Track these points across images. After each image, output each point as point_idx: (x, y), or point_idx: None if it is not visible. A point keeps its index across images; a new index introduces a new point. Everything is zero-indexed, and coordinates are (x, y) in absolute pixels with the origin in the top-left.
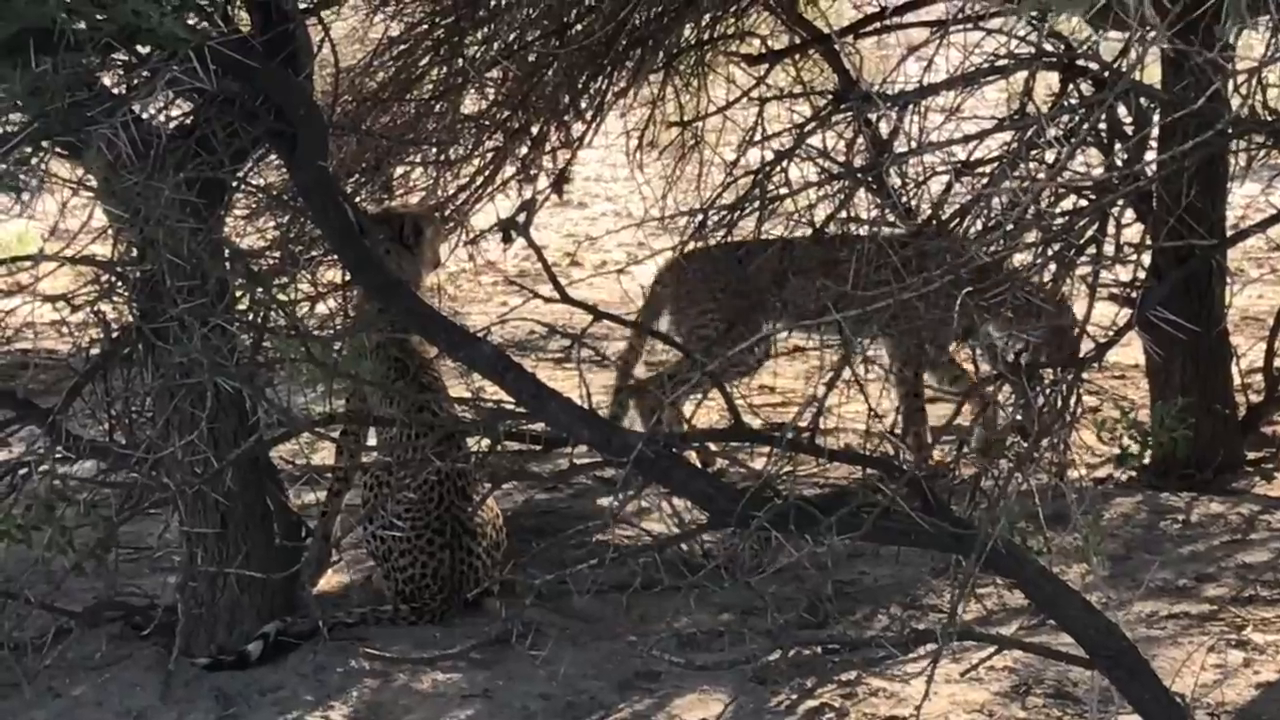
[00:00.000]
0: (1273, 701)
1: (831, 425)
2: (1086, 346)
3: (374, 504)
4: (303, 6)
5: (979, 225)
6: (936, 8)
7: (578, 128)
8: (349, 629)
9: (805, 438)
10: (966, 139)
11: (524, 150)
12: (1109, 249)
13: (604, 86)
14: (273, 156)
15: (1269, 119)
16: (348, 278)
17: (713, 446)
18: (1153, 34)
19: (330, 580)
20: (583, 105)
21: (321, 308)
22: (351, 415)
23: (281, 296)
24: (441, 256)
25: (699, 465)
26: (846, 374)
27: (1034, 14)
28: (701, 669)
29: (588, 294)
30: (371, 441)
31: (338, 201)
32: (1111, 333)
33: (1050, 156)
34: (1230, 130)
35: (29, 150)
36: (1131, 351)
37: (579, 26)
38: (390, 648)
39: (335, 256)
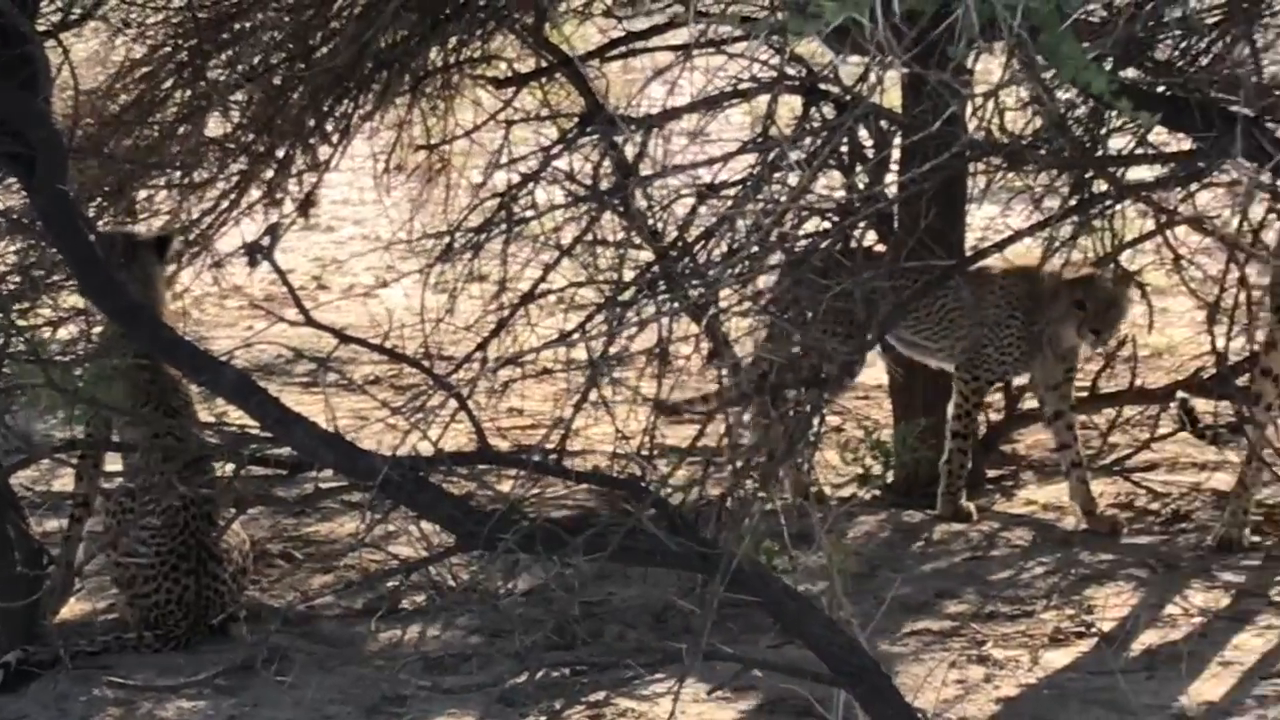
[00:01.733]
0: (1012, 717)
1: (580, 447)
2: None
3: (117, 530)
4: (41, 29)
5: (723, 248)
6: (683, 31)
7: (324, 151)
8: (92, 657)
9: (552, 459)
10: (710, 162)
11: (270, 173)
12: None
13: (350, 110)
14: (12, 179)
15: (1005, 142)
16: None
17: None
18: (890, 58)
19: (73, 608)
20: (329, 128)
21: (64, 332)
22: (90, 440)
23: (22, 322)
24: (168, 275)
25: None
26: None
27: (776, 38)
28: (448, 692)
29: (335, 317)
30: (117, 467)
31: (78, 226)
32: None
33: (793, 179)
34: (968, 153)
35: None
36: (875, 372)
37: (324, 49)
38: (134, 676)
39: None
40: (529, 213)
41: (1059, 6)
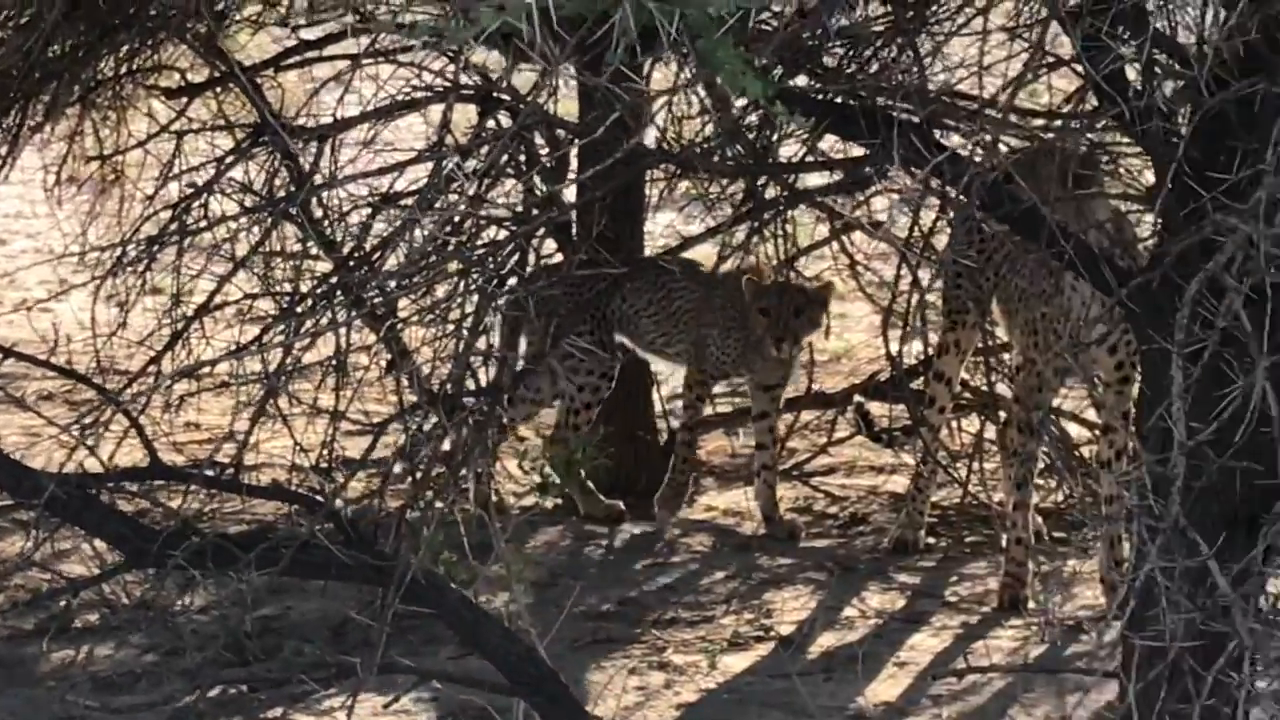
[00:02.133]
0: None
1: (259, 461)
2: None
3: None
4: None
5: (401, 257)
6: (363, 40)
7: None
8: None
9: (228, 474)
10: (383, 171)
11: None
12: None
13: (18, 121)
14: None
15: (678, 149)
16: None
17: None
18: (557, 65)
19: None
20: None
21: None
22: None
23: None
24: None
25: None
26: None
27: (451, 48)
28: (119, 712)
29: (6, 332)
30: None
31: None
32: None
33: (471, 188)
34: (643, 160)
35: None
36: None
37: None
38: None
39: None
40: (203, 224)
41: (717, 13)
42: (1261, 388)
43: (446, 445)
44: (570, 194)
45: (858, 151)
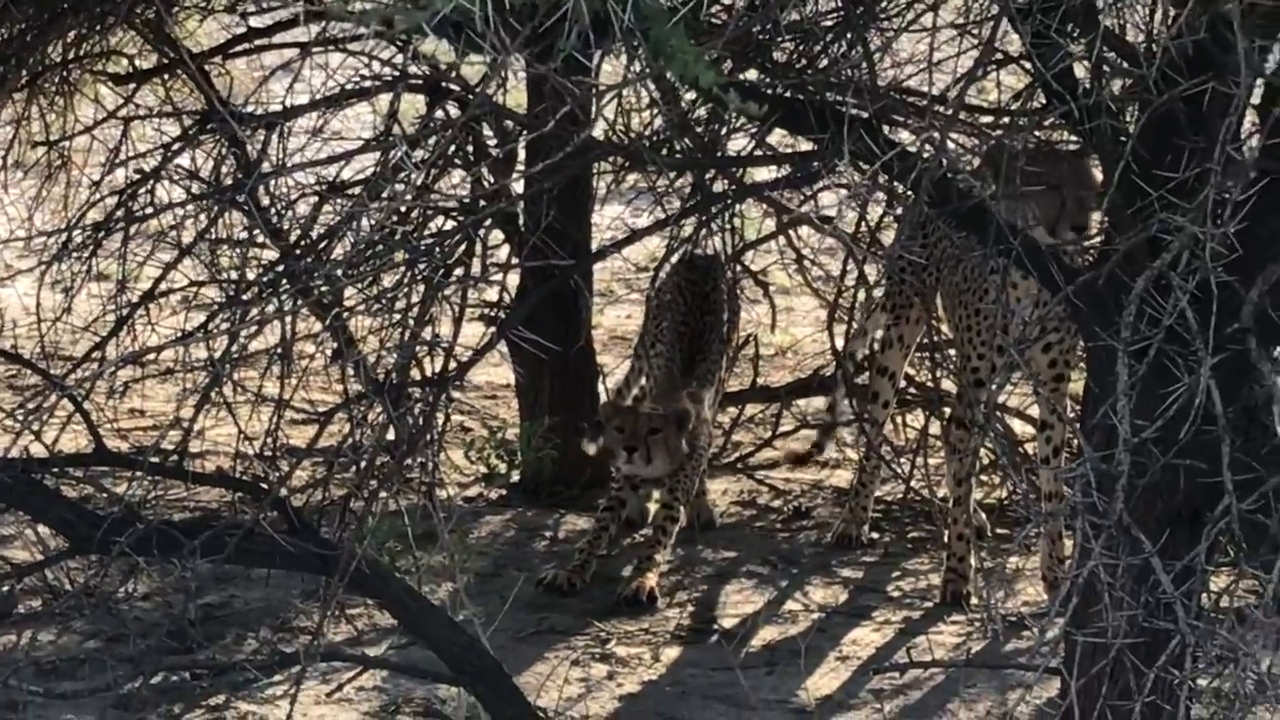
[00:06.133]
0: (634, 714)
1: (204, 449)
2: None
3: None
4: None
5: (347, 246)
6: (313, 28)
7: None
8: None
9: (172, 461)
10: (331, 160)
11: None
12: (476, 269)
13: None
14: None
15: (626, 142)
16: None
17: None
18: (507, 55)
19: None
20: None
21: None
22: None
23: None
24: None
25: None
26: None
27: (401, 37)
28: (62, 698)
29: None
30: None
31: None
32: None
33: (419, 178)
34: (592, 152)
35: None
36: (504, 371)
37: None
38: None
39: None
40: (149, 210)
41: (670, 2)
42: (1206, 385)
43: (391, 435)
44: (518, 185)
45: (805, 146)
